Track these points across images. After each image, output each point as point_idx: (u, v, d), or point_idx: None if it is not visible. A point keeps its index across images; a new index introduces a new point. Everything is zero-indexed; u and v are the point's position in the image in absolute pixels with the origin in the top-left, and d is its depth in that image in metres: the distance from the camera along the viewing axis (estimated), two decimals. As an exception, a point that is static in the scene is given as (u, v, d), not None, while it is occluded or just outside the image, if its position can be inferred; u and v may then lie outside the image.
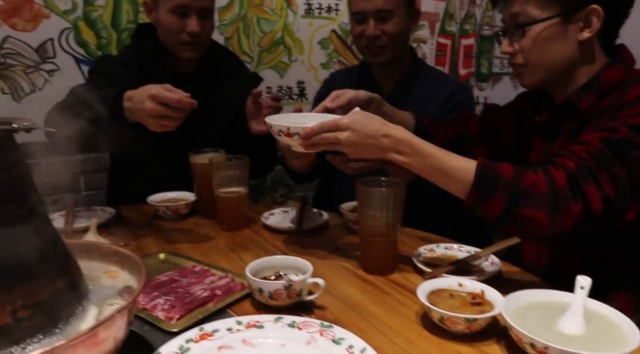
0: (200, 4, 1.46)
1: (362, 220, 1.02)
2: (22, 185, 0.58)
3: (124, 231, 1.31)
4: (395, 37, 1.47)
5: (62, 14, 2.18)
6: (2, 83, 2.12)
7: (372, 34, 1.46)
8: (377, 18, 1.45)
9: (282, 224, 1.30)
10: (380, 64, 1.52)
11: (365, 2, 1.45)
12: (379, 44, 1.48)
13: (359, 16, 1.48)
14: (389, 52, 1.49)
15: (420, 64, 1.60)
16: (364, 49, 1.51)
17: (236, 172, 1.27)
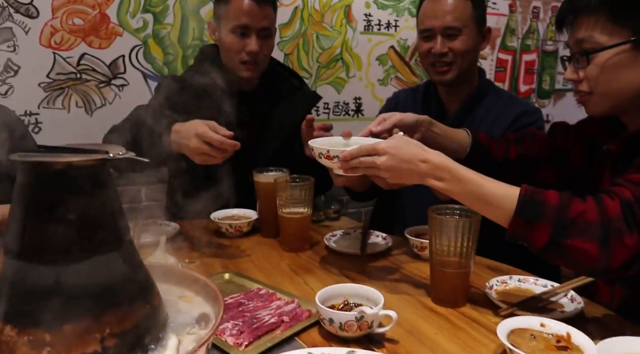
0: (260, 25, 1.50)
1: (433, 249, 0.99)
2: (114, 212, 0.59)
3: (188, 247, 1.33)
4: (463, 55, 1.44)
5: (134, 32, 2.27)
6: (76, 97, 2.22)
7: (439, 51, 1.43)
8: (445, 35, 1.43)
9: (345, 247, 1.28)
10: (445, 83, 1.48)
11: (434, 19, 1.43)
12: (446, 61, 1.45)
13: (427, 33, 1.46)
14: (456, 70, 1.45)
15: (488, 85, 1.55)
16: (430, 66, 1.48)
17: (300, 193, 1.27)
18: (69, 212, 0.55)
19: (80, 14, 2.17)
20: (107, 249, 0.58)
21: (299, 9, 2.60)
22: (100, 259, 0.57)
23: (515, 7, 3.24)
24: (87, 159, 0.56)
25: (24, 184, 0.56)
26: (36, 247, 0.55)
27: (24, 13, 2.09)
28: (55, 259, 0.55)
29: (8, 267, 0.56)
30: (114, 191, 0.61)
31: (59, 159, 0.55)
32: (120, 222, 0.61)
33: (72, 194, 0.56)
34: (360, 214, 3.05)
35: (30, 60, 2.12)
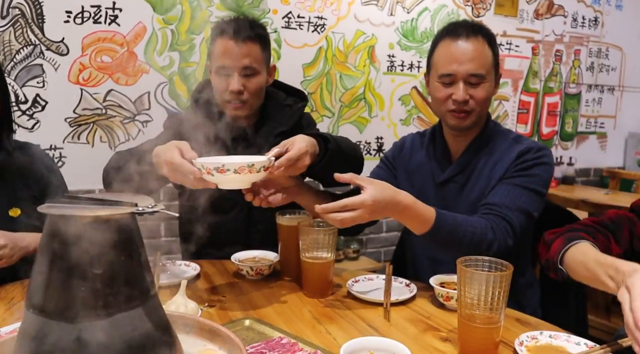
0: (241, 64, 1.48)
1: (462, 302, 0.95)
2: (140, 266, 0.58)
3: (207, 290, 1.31)
4: (483, 103, 1.40)
5: (160, 70, 2.32)
6: (101, 132, 2.26)
7: (461, 98, 1.37)
8: (467, 82, 1.38)
9: (368, 294, 1.24)
10: (463, 129, 1.44)
11: (457, 65, 1.36)
12: (466, 109, 1.39)
13: (448, 79, 1.39)
14: (475, 117, 1.41)
15: (494, 128, 1.51)
16: (448, 112, 1.42)
17: (324, 238, 1.24)
18: (95, 267, 0.54)
19: (108, 52, 2.23)
20: (131, 306, 0.56)
21: (323, 49, 2.63)
22: (124, 317, 0.55)
23: (538, 50, 3.24)
24: (114, 213, 0.55)
25: (50, 235, 0.55)
26: (59, 303, 0.53)
27: (55, 50, 2.15)
28: (77, 316, 0.53)
29: (29, 322, 0.55)
30: (141, 244, 0.59)
31: (87, 212, 0.54)
32: (146, 277, 0.59)
33: (99, 248, 0.54)
34: (380, 254, 3.00)
35: (58, 96, 2.17)
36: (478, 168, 1.44)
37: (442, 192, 1.48)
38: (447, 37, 1.39)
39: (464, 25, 1.40)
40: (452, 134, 1.49)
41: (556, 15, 3.29)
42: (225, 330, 0.71)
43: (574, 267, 1.06)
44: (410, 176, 1.56)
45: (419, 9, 2.84)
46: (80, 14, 2.16)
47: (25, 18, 2.08)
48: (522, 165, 1.37)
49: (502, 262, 0.95)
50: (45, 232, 0.55)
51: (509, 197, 1.32)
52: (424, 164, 1.55)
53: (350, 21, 2.68)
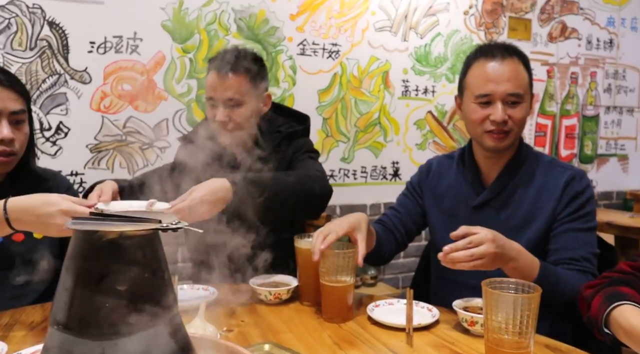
0: (224, 96, 1.54)
1: (489, 327, 0.93)
2: (163, 284, 0.57)
3: (225, 314, 1.29)
4: (520, 123, 1.38)
5: (178, 97, 2.36)
6: (120, 158, 2.29)
7: (500, 118, 1.34)
8: (505, 102, 1.36)
9: (389, 319, 1.22)
10: (499, 150, 1.41)
11: (495, 85, 1.35)
12: (505, 130, 1.37)
13: (485, 98, 1.37)
14: (513, 137, 1.38)
15: (527, 150, 1.49)
16: (485, 133, 1.39)
17: (344, 261, 1.22)
18: (119, 284, 0.53)
19: (129, 80, 2.28)
20: (154, 323, 0.55)
21: (338, 75, 2.66)
22: (147, 334, 0.54)
23: (554, 73, 3.24)
24: (139, 229, 0.55)
25: (75, 251, 0.55)
26: (83, 320, 0.53)
27: (78, 79, 2.20)
28: (101, 333, 0.52)
29: (53, 339, 0.54)
30: (164, 261, 0.59)
31: (112, 228, 0.54)
32: (169, 294, 0.58)
33: (123, 264, 0.54)
34: (398, 280, 2.96)
35: (80, 123, 2.21)
36: (517, 194, 1.41)
37: (476, 216, 1.45)
38: (482, 58, 1.39)
39: (498, 47, 1.40)
40: (486, 156, 1.46)
41: (570, 38, 3.29)
42: (247, 352, 0.70)
43: (621, 333, 1.01)
44: (439, 199, 1.54)
45: (432, 34, 2.86)
46: (103, 44, 2.22)
47: (51, 49, 2.15)
48: (575, 203, 1.37)
49: (530, 284, 0.93)
50: (70, 247, 0.55)
51: (583, 247, 1.34)
52: (454, 187, 1.52)
53: (364, 47, 2.71)
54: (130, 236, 0.55)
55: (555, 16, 3.22)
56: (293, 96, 2.58)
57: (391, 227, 1.56)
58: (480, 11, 2.97)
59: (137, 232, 0.55)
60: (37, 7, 2.10)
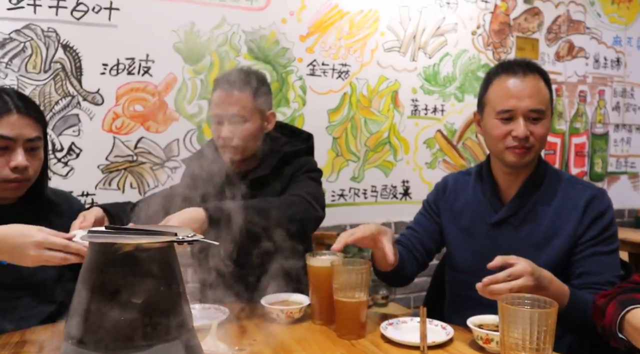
0: (229, 112, 1.57)
1: (505, 343, 0.91)
2: (179, 297, 0.57)
3: (237, 333, 1.28)
4: (542, 140, 1.38)
5: (189, 117, 2.38)
6: (131, 178, 2.30)
7: (523, 134, 1.33)
8: (527, 118, 1.35)
9: (403, 337, 1.20)
10: (520, 166, 1.40)
11: (515, 100, 1.35)
12: (527, 146, 1.36)
13: (507, 114, 1.36)
14: (534, 153, 1.38)
15: (545, 166, 1.49)
16: (507, 149, 1.38)
17: (357, 277, 1.22)
18: (135, 297, 0.53)
19: (141, 101, 2.31)
20: (170, 337, 0.55)
21: (348, 94, 2.68)
22: (163, 348, 0.54)
23: (562, 92, 3.24)
24: (155, 242, 0.55)
25: (91, 264, 0.55)
26: (98, 334, 0.53)
27: (91, 101, 2.23)
28: (116, 347, 0.52)
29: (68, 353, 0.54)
30: (180, 275, 0.58)
31: (128, 240, 0.54)
32: (185, 308, 0.58)
33: (139, 277, 0.54)
34: (409, 300, 2.92)
35: (91, 144, 2.24)
36: (537, 211, 1.40)
37: (495, 232, 1.44)
38: (504, 74, 1.39)
39: (520, 63, 1.40)
40: (505, 172, 1.45)
41: (577, 57, 3.30)
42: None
43: (636, 336, 1.00)
44: (456, 216, 1.54)
45: (440, 54, 2.88)
46: (115, 66, 2.26)
47: (65, 71, 2.18)
48: (598, 224, 1.36)
49: (546, 300, 0.91)
50: (86, 261, 0.55)
51: (609, 270, 1.34)
52: (471, 204, 1.51)
53: (373, 67, 2.73)
54: (147, 248, 0.55)
55: (562, 36, 3.24)
56: (303, 115, 2.60)
57: (410, 247, 1.55)
58: (487, 31, 3.00)
59: (153, 245, 0.55)
60: (52, 30, 2.14)
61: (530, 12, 3.14)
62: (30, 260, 1.09)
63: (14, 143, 1.32)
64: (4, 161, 1.32)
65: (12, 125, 1.31)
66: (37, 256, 1.09)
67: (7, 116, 1.31)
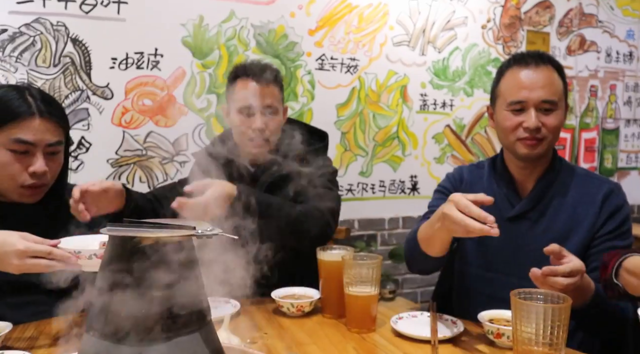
0: (264, 103, 1.57)
1: (518, 338, 0.91)
2: (198, 290, 0.57)
3: (248, 326, 1.29)
4: (554, 131, 1.36)
5: (198, 112, 2.38)
6: (140, 172, 2.31)
7: (534, 125, 1.32)
8: (539, 109, 1.34)
9: (413, 331, 1.20)
10: (532, 158, 1.39)
11: (527, 92, 1.33)
12: (539, 137, 1.35)
13: (518, 105, 1.36)
14: (545, 145, 1.36)
15: (560, 161, 1.48)
16: (518, 141, 1.38)
17: (368, 271, 1.22)
18: (155, 289, 0.53)
19: (150, 95, 2.31)
20: (189, 330, 0.55)
21: (356, 89, 2.67)
22: (182, 341, 0.54)
23: (572, 86, 3.22)
24: (175, 235, 0.55)
25: (111, 257, 0.55)
26: (120, 326, 0.53)
27: (100, 95, 2.24)
28: (137, 339, 0.52)
29: (89, 344, 0.54)
30: (198, 268, 0.59)
31: (148, 234, 0.54)
32: (203, 301, 0.58)
33: (159, 270, 0.54)
34: (417, 295, 2.92)
35: (101, 138, 2.25)
36: (554, 206, 1.40)
37: (512, 227, 1.41)
38: (515, 66, 1.39)
39: (532, 54, 1.39)
40: (519, 166, 1.44)
41: (589, 51, 3.27)
42: (278, 361, 0.69)
43: (629, 279, 1.02)
44: None
45: (450, 48, 2.87)
46: (124, 60, 2.26)
47: (74, 65, 2.19)
48: (615, 219, 1.35)
49: (559, 295, 0.91)
50: (106, 254, 0.55)
51: None
52: None
53: (382, 62, 2.72)
54: (166, 242, 0.55)
55: (573, 29, 3.21)
56: (312, 110, 2.59)
57: None
58: (498, 25, 2.97)
59: (172, 239, 0.55)
60: (61, 24, 2.15)
61: (542, 5, 3.11)
62: (14, 268, 1.07)
63: (34, 148, 1.29)
64: (23, 165, 1.29)
65: (33, 129, 1.28)
66: (21, 265, 1.06)
67: (29, 119, 1.28)
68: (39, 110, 1.29)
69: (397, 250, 2.76)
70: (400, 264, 2.82)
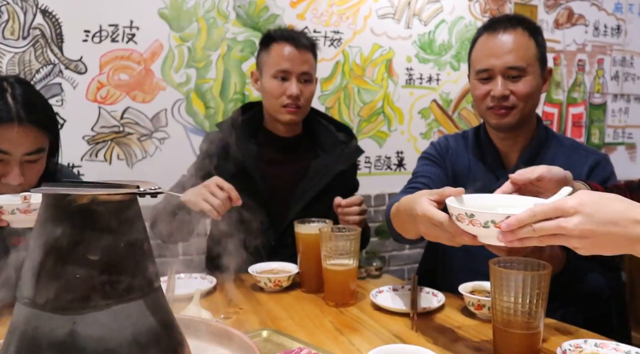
0: (300, 69, 1.54)
1: (497, 307, 0.88)
2: (142, 255, 0.52)
3: (223, 302, 1.25)
4: (525, 99, 1.30)
5: (177, 86, 2.31)
6: (118, 149, 2.24)
7: (500, 93, 1.29)
8: (507, 76, 1.30)
9: (393, 304, 1.17)
10: (504, 127, 1.35)
11: (494, 58, 1.29)
12: (506, 105, 1.31)
13: (485, 74, 1.32)
14: (517, 114, 1.32)
15: (547, 131, 1.43)
16: (488, 110, 1.34)
17: (346, 244, 1.18)
18: (91, 253, 0.48)
19: (126, 70, 2.23)
20: (132, 297, 0.51)
21: (340, 63, 2.61)
22: (123, 308, 0.49)
23: (560, 60, 3.17)
24: (114, 194, 0.50)
25: (44, 218, 0.50)
26: (51, 293, 0.48)
27: (73, 69, 2.16)
28: (72, 307, 0.48)
29: (19, 314, 0.50)
30: (143, 232, 0.54)
31: (83, 191, 0.49)
32: (149, 267, 0.53)
33: (96, 232, 0.49)
34: (403, 272, 2.90)
35: (76, 114, 2.17)
36: None
37: None
38: (485, 33, 1.35)
39: (502, 19, 1.35)
40: (500, 137, 1.40)
41: (577, 24, 3.22)
42: (238, 332, 0.65)
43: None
44: (457, 181, 1.45)
45: (436, 21, 2.80)
46: (98, 32, 2.18)
47: (45, 38, 2.10)
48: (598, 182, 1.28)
49: (540, 263, 0.88)
50: (39, 215, 0.50)
51: None
52: (472, 169, 1.45)
53: (366, 35, 2.65)
54: (104, 201, 0.50)
55: (561, 2, 3.15)
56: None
57: None
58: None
59: (111, 198, 0.50)
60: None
61: (529, -24, 3.04)
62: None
63: (9, 157, 1.17)
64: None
65: (10, 138, 1.14)
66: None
67: (6, 126, 1.14)
68: (18, 116, 1.15)
69: (383, 227, 2.73)
70: (386, 240, 2.79)
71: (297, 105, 1.54)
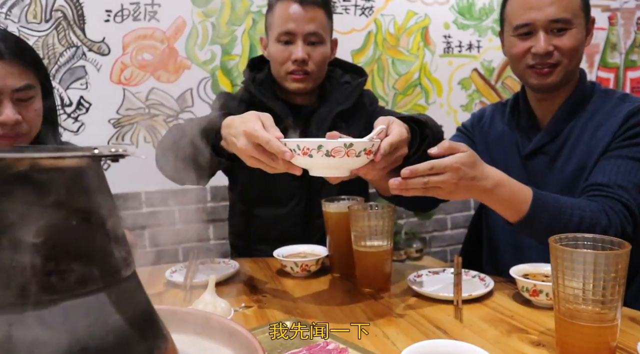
0: (306, 29, 1.33)
1: (560, 295, 0.73)
2: (104, 236, 0.41)
3: (246, 289, 1.15)
4: (571, 54, 1.16)
5: (202, 65, 2.22)
6: (144, 132, 2.18)
7: (543, 50, 1.14)
8: (550, 31, 1.15)
9: (434, 291, 1.03)
10: (548, 87, 1.20)
11: (535, 11, 1.14)
12: (551, 62, 1.16)
13: (525, 29, 1.17)
14: (561, 72, 1.17)
15: (592, 87, 1.25)
16: (527, 69, 1.20)
17: (379, 223, 1.05)
18: (32, 234, 0.37)
19: (149, 49, 2.15)
20: (89, 290, 0.39)
21: (373, 33, 2.45)
22: (76, 304, 0.38)
23: (616, 20, 2.89)
24: (61, 157, 0.39)
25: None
26: (-18, 285, 0.37)
27: (97, 51, 2.10)
28: (6, 303, 0.37)
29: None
30: (105, 205, 0.42)
31: (21, 155, 0.37)
32: (115, 251, 0.42)
33: (39, 207, 0.38)
34: (446, 254, 2.75)
35: (101, 97, 2.12)
36: (574, 134, 1.20)
37: (529, 165, 1.26)
38: None
39: None
40: (537, 98, 1.26)
41: (635, -21, 2.93)
42: (239, 328, 0.54)
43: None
44: (490, 148, 1.36)
45: (476, -17, 2.59)
46: (120, 12, 2.10)
47: (67, 20, 2.04)
48: (631, 131, 1.12)
49: (613, 240, 0.72)
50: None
51: (621, 173, 1.08)
52: (505, 135, 1.34)
53: (400, 1, 2.48)
54: (49, 168, 0.39)
55: (617, -46, 2.87)
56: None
57: None
58: (529, -47, 2.66)
59: (59, 163, 0.39)
60: (50, -24, 1.99)
61: None
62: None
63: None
64: None
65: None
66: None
67: None
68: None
69: (423, 207, 2.58)
70: (427, 220, 2.64)
71: (305, 70, 1.35)
